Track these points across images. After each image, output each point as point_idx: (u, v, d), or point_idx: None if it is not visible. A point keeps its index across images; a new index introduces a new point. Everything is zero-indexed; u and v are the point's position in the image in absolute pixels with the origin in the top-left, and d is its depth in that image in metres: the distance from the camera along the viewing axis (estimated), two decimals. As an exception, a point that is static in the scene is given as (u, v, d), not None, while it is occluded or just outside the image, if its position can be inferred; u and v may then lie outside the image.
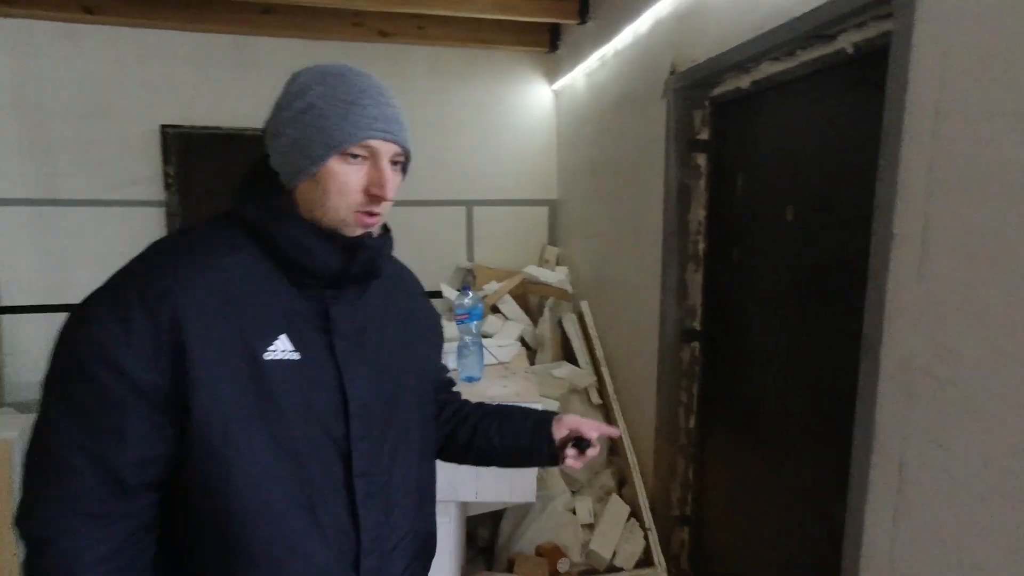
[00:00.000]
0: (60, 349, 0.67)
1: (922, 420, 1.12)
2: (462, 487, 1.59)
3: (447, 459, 1.01)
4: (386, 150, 0.73)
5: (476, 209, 3.58)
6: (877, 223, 1.20)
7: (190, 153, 3.13)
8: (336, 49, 3.24)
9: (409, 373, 0.86)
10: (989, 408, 1.00)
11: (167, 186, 3.09)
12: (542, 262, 3.58)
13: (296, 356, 0.72)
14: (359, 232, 0.75)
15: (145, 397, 0.65)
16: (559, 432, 0.94)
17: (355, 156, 0.71)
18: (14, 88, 2.95)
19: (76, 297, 0.71)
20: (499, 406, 1.00)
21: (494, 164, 3.58)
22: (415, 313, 0.91)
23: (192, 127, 3.10)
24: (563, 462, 0.93)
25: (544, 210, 3.70)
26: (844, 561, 1.32)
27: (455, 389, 1.07)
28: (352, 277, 0.77)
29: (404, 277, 0.94)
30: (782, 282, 1.75)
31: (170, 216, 3.11)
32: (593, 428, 0.93)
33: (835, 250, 1.53)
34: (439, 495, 0.94)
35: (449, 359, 1.74)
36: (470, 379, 1.64)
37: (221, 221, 0.76)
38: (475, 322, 1.63)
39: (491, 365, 1.79)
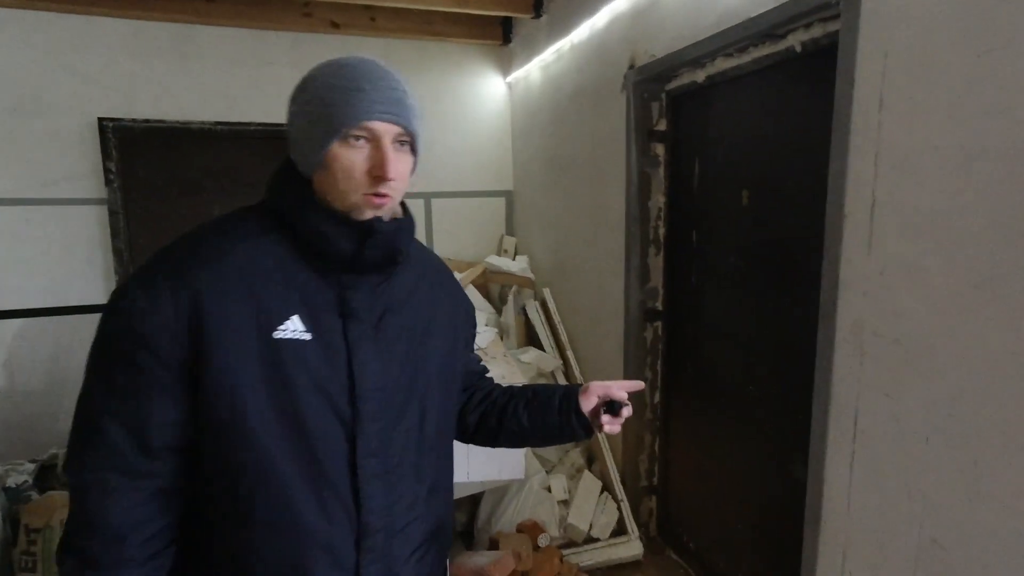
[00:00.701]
0: (100, 324, 0.74)
1: (873, 375, 1.28)
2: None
3: (480, 443, 1.03)
4: (386, 131, 0.74)
5: (434, 201, 3.60)
6: (830, 204, 1.35)
7: (132, 147, 2.97)
8: (286, 40, 3.16)
9: (430, 361, 0.86)
10: (931, 362, 1.16)
11: (108, 182, 2.92)
12: (501, 252, 3.65)
13: (308, 336, 0.75)
14: (370, 215, 0.76)
15: (166, 367, 0.71)
16: (588, 403, 0.96)
17: (357, 139, 0.73)
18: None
19: (5, 302, 0.76)
20: (527, 387, 1.02)
21: (450, 156, 3.61)
22: (441, 301, 0.91)
23: (133, 120, 2.94)
24: (601, 430, 0.96)
25: (501, 201, 3.76)
26: (808, 508, 1.48)
27: (488, 375, 1.08)
28: (369, 262, 0.78)
29: (432, 264, 0.95)
30: (738, 261, 1.90)
31: (112, 214, 2.95)
32: (621, 387, 0.96)
33: (787, 230, 1.68)
34: None
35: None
36: (455, 364, 1.70)
37: (254, 211, 0.81)
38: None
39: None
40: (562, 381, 2.79)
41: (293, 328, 0.75)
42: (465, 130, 3.62)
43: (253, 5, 2.94)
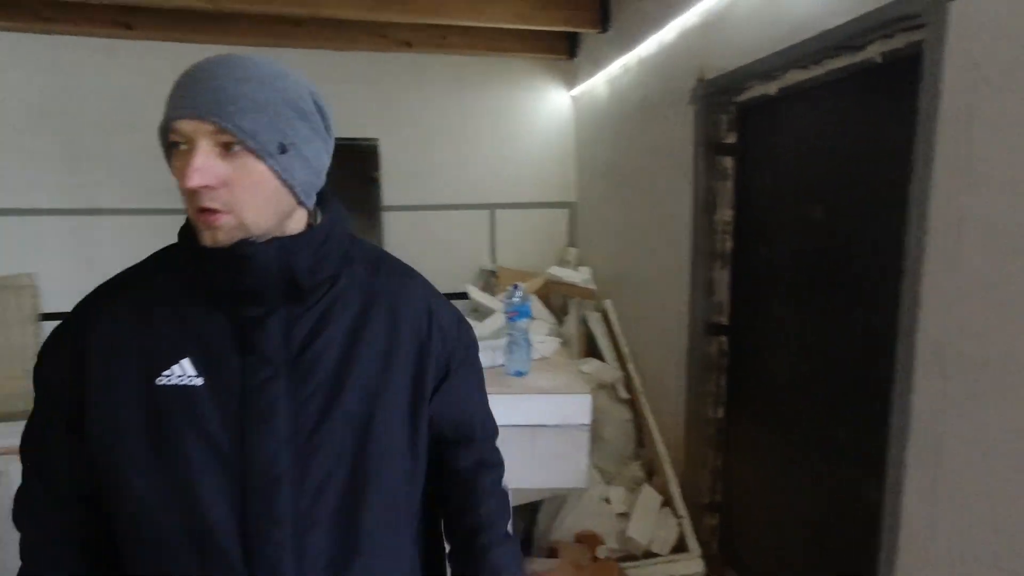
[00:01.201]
0: None
1: (957, 398, 1.22)
2: (512, 473, 1.68)
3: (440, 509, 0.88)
4: (196, 130, 0.62)
5: (498, 212, 3.68)
6: (913, 219, 1.30)
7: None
8: (362, 59, 3.34)
9: (374, 408, 0.72)
10: (1020, 385, 1.10)
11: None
12: (563, 263, 3.68)
13: (199, 382, 0.67)
14: (207, 238, 0.65)
15: (60, 412, 0.70)
16: None
17: (177, 144, 0.63)
18: (53, 102, 3.05)
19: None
20: (478, 517, 0.82)
21: (514, 168, 3.69)
22: (400, 332, 0.75)
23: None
24: None
25: (563, 212, 3.80)
26: (883, 538, 1.41)
27: (483, 446, 0.87)
28: (255, 293, 0.67)
29: (391, 288, 0.78)
30: (809, 276, 1.85)
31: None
32: None
33: (861, 245, 1.63)
34: None
35: (497, 355, 1.83)
36: (519, 373, 1.74)
37: (168, 247, 0.75)
38: (524, 319, 1.73)
39: (534, 360, 1.88)
40: (623, 394, 2.78)
41: (180, 373, 0.67)
42: (530, 143, 3.70)
43: (334, 28, 3.13)
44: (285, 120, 0.65)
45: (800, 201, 1.87)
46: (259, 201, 0.65)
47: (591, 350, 3.09)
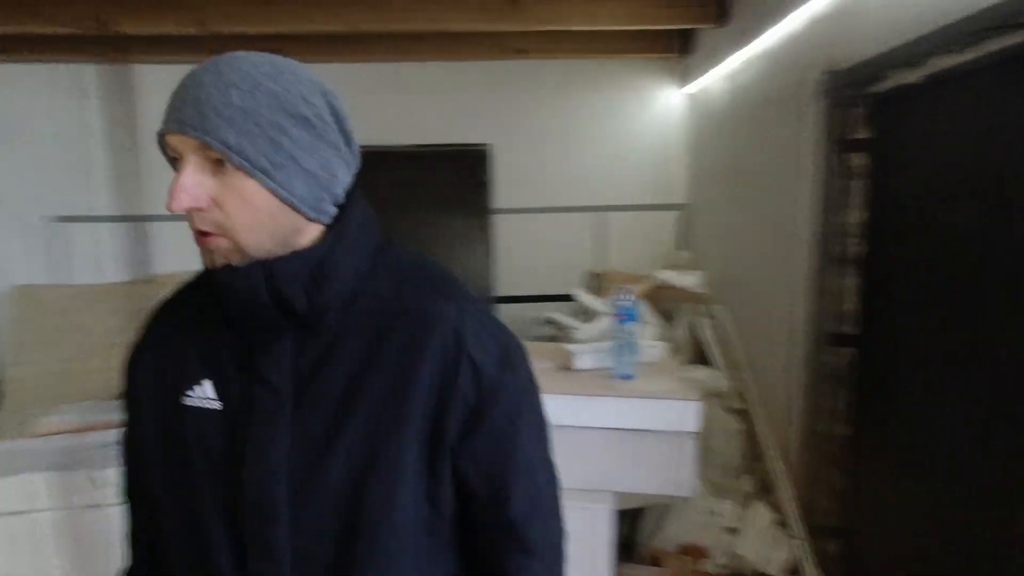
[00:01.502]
0: None
1: None
2: (617, 477, 1.67)
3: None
4: (183, 145, 0.58)
5: (604, 215, 3.67)
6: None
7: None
8: (476, 68, 3.49)
9: (379, 449, 0.62)
10: None
11: (331, 199, 3.51)
12: (672, 266, 3.58)
13: (217, 406, 0.64)
14: (207, 260, 0.62)
15: (126, 418, 0.73)
16: None
17: (173, 161, 0.60)
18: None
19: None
20: None
21: (622, 170, 3.66)
22: (415, 366, 0.63)
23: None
24: None
25: (672, 214, 3.70)
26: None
27: (523, 531, 0.68)
28: (257, 318, 0.62)
29: (417, 315, 0.65)
30: (957, 285, 1.66)
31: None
32: None
33: (1019, 250, 1.44)
34: (592, 484, 0.75)
35: (602, 357, 1.83)
36: (626, 377, 1.73)
37: None
38: (633, 323, 1.71)
39: (643, 365, 1.86)
40: (736, 404, 2.66)
41: (202, 395, 0.64)
42: (639, 144, 3.65)
43: (452, 40, 3.30)
44: (279, 129, 0.58)
45: (949, 201, 1.68)
46: (253, 222, 0.59)
47: (700, 357, 2.98)
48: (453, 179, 3.63)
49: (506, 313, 3.65)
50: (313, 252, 0.62)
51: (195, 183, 0.57)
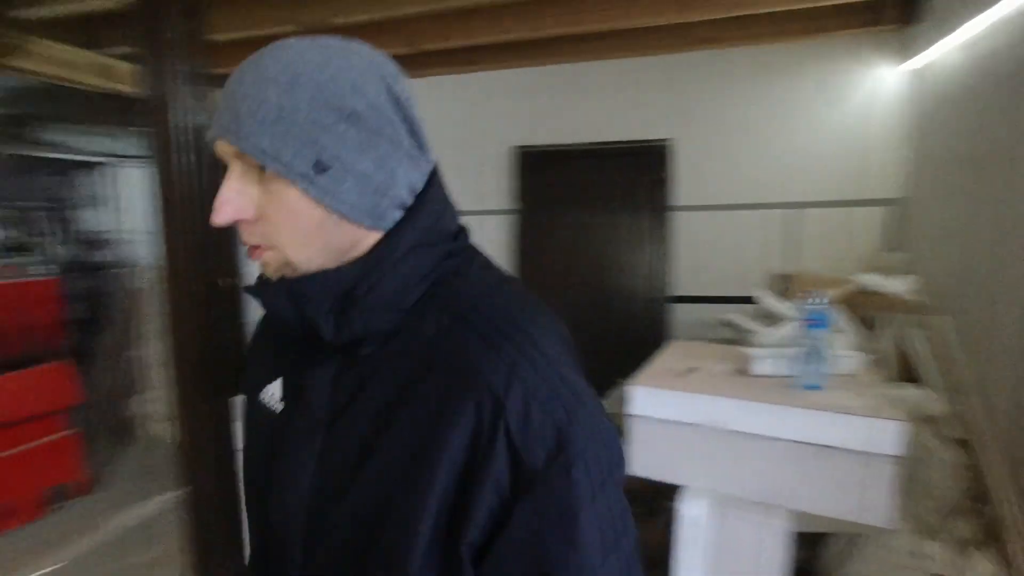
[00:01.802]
0: None
1: None
2: (793, 492, 1.55)
3: None
4: (225, 152, 0.53)
5: (794, 212, 3.35)
6: None
7: (533, 168, 3.73)
8: (657, 62, 3.43)
9: (387, 514, 0.53)
10: None
11: (520, 198, 3.75)
12: (878, 269, 3.15)
13: (280, 407, 0.62)
14: (261, 272, 0.59)
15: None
16: None
17: (225, 169, 0.55)
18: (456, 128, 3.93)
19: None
20: None
21: (817, 163, 3.31)
22: (440, 437, 0.51)
23: (534, 146, 3.69)
24: None
25: (876, 211, 3.25)
26: None
27: None
28: (297, 336, 0.59)
29: (456, 365, 0.53)
30: None
31: (523, 222, 3.77)
32: None
33: None
34: (765, 497, 0.69)
35: (782, 364, 1.72)
36: (812, 387, 1.60)
37: None
38: (823, 329, 1.57)
39: (834, 375, 1.70)
40: (956, 432, 2.27)
41: (271, 394, 0.63)
42: (841, 132, 3.27)
43: (634, 35, 3.28)
44: (322, 128, 0.50)
45: None
46: (299, 235, 0.53)
47: (909, 374, 2.59)
48: (632, 176, 3.63)
49: (681, 314, 3.55)
50: (342, 273, 0.55)
51: (237, 194, 0.53)
